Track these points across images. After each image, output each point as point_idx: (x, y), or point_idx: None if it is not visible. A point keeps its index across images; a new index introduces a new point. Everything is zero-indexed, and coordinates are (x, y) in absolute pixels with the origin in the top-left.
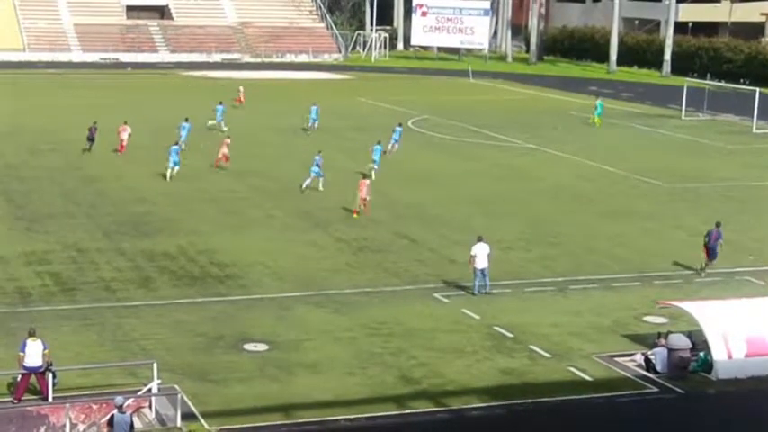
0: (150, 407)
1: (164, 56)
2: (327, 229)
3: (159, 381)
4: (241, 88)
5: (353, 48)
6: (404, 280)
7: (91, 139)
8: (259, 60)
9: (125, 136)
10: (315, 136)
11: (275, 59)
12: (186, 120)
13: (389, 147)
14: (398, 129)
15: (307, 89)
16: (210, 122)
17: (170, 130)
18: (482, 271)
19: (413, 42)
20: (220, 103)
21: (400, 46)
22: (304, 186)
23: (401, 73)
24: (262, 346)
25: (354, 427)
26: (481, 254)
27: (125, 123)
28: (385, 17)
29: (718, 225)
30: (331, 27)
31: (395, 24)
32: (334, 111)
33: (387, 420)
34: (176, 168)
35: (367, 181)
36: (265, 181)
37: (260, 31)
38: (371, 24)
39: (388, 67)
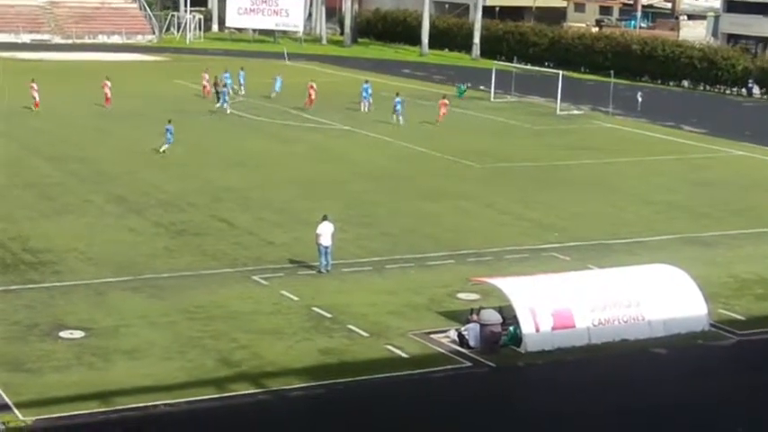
0: None
1: None
2: (144, 214)
3: None
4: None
5: (167, 29)
6: (223, 263)
7: None
8: (70, 41)
9: None
10: (132, 120)
11: (87, 40)
12: None
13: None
14: (366, 86)
15: (120, 70)
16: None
17: None
18: (326, 249)
19: (228, 24)
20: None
21: (215, 28)
22: (164, 147)
23: (216, 55)
24: (78, 334)
25: (174, 412)
26: (326, 232)
27: None
28: None
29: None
30: (144, 8)
31: (209, 6)
32: (150, 94)
33: (207, 404)
34: None
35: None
36: (80, 165)
37: (70, 11)
38: (185, 5)
39: (202, 48)
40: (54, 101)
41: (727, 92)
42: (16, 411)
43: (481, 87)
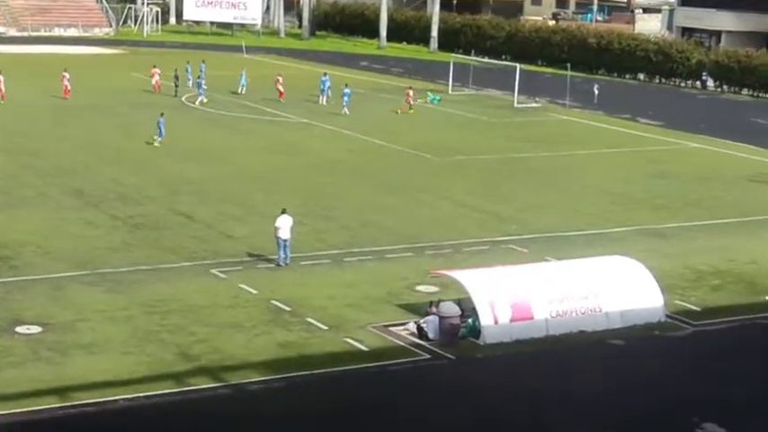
0: None
1: None
2: (102, 207)
3: None
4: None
5: (124, 22)
6: (181, 257)
7: None
8: (26, 34)
9: None
10: (89, 113)
11: (43, 33)
12: None
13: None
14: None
15: (77, 63)
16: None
17: None
18: (285, 242)
19: (185, 17)
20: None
21: (173, 20)
22: (158, 140)
23: (174, 48)
24: (35, 329)
25: (133, 407)
26: (284, 226)
27: None
28: None
29: (284, 211)
30: (101, 0)
31: None
32: (107, 87)
33: (166, 398)
34: None
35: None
36: (36, 159)
37: (26, 3)
38: None
39: (160, 41)
40: (9, 94)
41: (682, 84)
42: None
43: (438, 81)
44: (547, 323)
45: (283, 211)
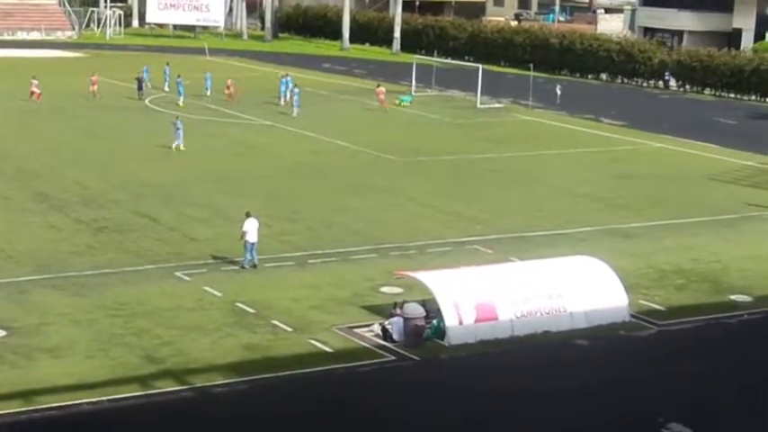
0: None
1: None
2: (65, 210)
3: None
4: None
5: (87, 25)
6: (145, 259)
7: None
8: None
9: None
10: (50, 116)
11: (6, 37)
12: None
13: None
14: (286, 80)
15: (40, 67)
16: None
17: None
18: (252, 245)
19: (148, 20)
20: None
21: (135, 23)
22: (174, 147)
23: (137, 51)
24: None
25: (97, 410)
26: (251, 229)
27: None
28: None
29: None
30: (64, 4)
31: (129, 1)
32: (70, 90)
33: (130, 402)
34: None
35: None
36: (0, 162)
37: None
38: (105, 1)
39: (123, 44)
40: None
41: (645, 84)
42: None
43: (401, 82)
44: (512, 324)
45: (248, 215)
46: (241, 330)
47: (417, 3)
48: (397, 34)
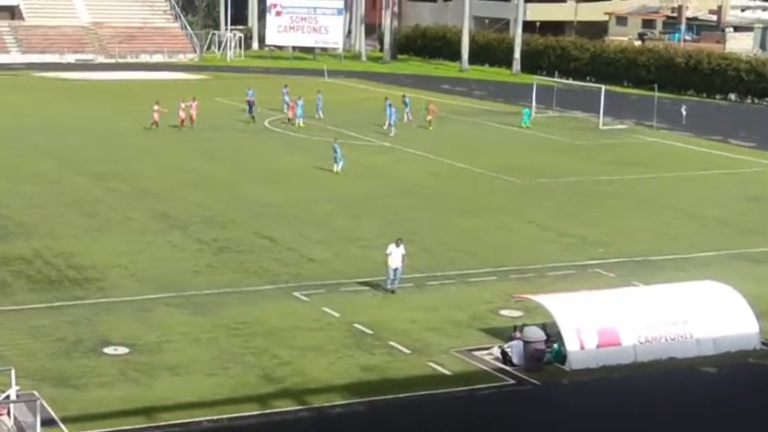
0: (9, 414)
1: (15, 57)
2: (187, 231)
3: (17, 387)
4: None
5: (208, 48)
6: (264, 279)
7: None
8: (113, 61)
9: None
10: (167, 136)
11: (130, 60)
12: None
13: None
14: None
15: (163, 89)
16: None
17: (24, 131)
18: (395, 270)
19: (267, 42)
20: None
21: (255, 45)
22: (335, 171)
23: (257, 72)
24: (122, 350)
25: (217, 428)
26: (396, 255)
27: None
28: (239, 17)
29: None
30: (185, 27)
31: (249, 24)
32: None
33: (249, 420)
34: None
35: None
36: (121, 183)
37: (114, 31)
38: (226, 24)
39: (243, 66)
40: (97, 120)
41: None
42: (62, 426)
43: (521, 103)
44: (635, 349)
45: (398, 242)
46: (359, 351)
47: (538, 24)
48: (517, 55)
